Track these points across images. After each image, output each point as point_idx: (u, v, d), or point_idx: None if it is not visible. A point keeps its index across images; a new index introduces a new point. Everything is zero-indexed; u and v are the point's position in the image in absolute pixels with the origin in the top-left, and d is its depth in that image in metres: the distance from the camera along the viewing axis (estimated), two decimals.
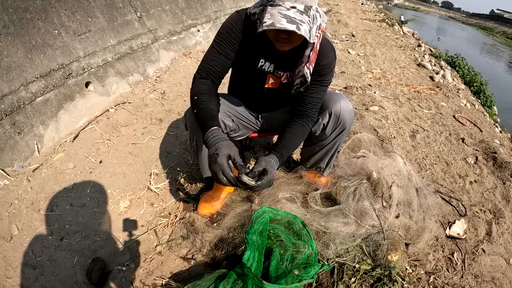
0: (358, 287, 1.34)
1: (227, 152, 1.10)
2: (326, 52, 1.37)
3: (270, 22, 1.07)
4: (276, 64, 1.43)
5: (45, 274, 1.40)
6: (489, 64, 15.14)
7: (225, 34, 1.36)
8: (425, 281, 1.51)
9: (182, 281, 1.35)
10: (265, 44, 1.34)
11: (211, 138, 1.16)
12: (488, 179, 2.44)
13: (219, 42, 1.37)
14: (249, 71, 1.47)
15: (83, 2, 2.48)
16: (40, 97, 2.03)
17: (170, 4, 3.69)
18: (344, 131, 1.60)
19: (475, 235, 1.86)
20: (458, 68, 6.58)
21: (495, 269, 1.70)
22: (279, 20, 1.06)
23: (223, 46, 1.37)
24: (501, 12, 65.69)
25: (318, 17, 1.21)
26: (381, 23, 9.99)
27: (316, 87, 1.42)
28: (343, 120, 1.54)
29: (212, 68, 1.37)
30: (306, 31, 1.09)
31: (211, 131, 1.18)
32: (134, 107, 2.56)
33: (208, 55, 1.39)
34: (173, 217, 1.67)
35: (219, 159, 1.08)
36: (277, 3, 1.10)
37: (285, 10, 1.09)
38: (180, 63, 3.53)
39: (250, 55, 1.42)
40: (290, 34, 1.16)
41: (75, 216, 1.65)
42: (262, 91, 1.53)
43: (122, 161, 2.02)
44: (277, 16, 1.07)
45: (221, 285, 0.97)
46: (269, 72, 1.46)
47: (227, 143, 1.14)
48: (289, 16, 1.08)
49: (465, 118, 3.57)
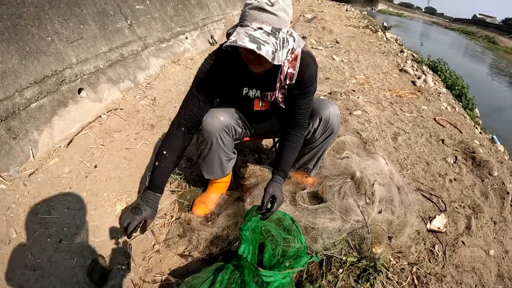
0: (345, 277, 1.44)
1: (147, 218, 1.27)
2: (307, 64, 1.40)
3: (233, 39, 1.10)
4: (261, 88, 1.50)
5: (45, 275, 1.43)
6: (471, 68, 15.63)
7: (200, 78, 1.42)
8: (408, 272, 1.62)
9: (180, 276, 1.42)
10: (246, 74, 1.40)
11: (148, 198, 1.30)
12: (467, 177, 2.59)
13: (196, 86, 1.43)
14: (236, 100, 1.56)
15: (75, 10, 2.54)
16: (35, 103, 2.07)
17: (159, 12, 3.77)
18: (332, 134, 1.71)
19: (455, 229, 1.99)
20: (440, 73, 6.80)
21: (475, 259, 1.83)
22: (242, 38, 1.09)
23: (200, 91, 1.43)
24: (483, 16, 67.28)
25: (290, 41, 1.22)
26: (365, 29, 10.26)
27: (304, 99, 1.47)
28: (332, 124, 1.65)
29: (191, 114, 1.44)
30: (267, 52, 1.10)
31: (150, 193, 1.32)
32: (126, 113, 2.62)
33: (186, 101, 1.46)
34: (169, 218, 1.74)
35: (137, 217, 1.23)
36: (246, 24, 1.14)
37: (251, 30, 1.11)
38: (169, 70, 3.61)
39: (233, 86, 1.50)
40: (257, 56, 1.15)
41: (73, 219, 1.69)
42: (251, 114, 1.62)
43: (116, 166, 2.08)
44: (241, 35, 1.10)
45: (220, 275, 1.05)
46: (256, 97, 1.54)
47: (154, 212, 1.30)
48: (253, 36, 1.10)
49: (445, 121, 3.74)
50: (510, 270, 1.87)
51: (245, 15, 1.14)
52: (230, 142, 1.59)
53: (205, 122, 1.48)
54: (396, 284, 1.53)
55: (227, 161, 1.66)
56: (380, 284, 1.48)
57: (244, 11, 1.16)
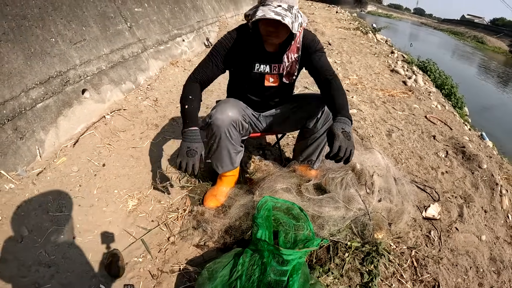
0: (351, 260, 1.55)
1: (201, 151, 1.49)
2: (308, 33, 1.67)
3: (261, 14, 1.36)
4: (269, 63, 1.69)
5: (60, 271, 1.45)
6: (460, 68, 15.99)
7: (217, 48, 1.66)
8: (408, 255, 1.74)
9: (198, 265, 1.48)
10: (257, 51, 1.64)
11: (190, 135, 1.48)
12: (458, 170, 2.71)
13: (212, 54, 1.67)
14: (248, 76, 1.71)
15: (77, 12, 2.58)
16: (40, 103, 2.10)
17: (157, 15, 3.81)
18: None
19: (449, 216, 2.11)
20: (430, 73, 6.99)
21: (468, 244, 1.95)
22: (268, 13, 1.36)
23: (215, 58, 1.66)
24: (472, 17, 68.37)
25: (299, 16, 1.50)
26: (355, 31, 10.45)
27: (320, 57, 1.66)
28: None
29: (204, 73, 1.67)
30: (289, 22, 1.37)
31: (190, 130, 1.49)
32: (130, 113, 2.66)
33: (202, 63, 1.69)
34: (182, 211, 1.79)
35: (196, 156, 1.46)
36: (267, 3, 1.41)
37: (273, 7, 1.39)
38: (168, 72, 3.65)
39: (246, 63, 1.68)
40: (277, 28, 1.44)
41: (85, 216, 1.72)
42: (262, 90, 1.77)
43: (124, 164, 2.12)
44: (267, 11, 1.37)
45: (241, 258, 1.12)
46: (266, 73, 1.71)
47: (201, 144, 1.50)
48: (275, 11, 1.37)
49: (436, 118, 3.88)
50: (501, 254, 1.98)
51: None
52: (237, 136, 1.68)
53: (214, 117, 1.58)
54: (398, 266, 1.64)
55: (235, 153, 1.75)
56: (383, 266, 1.59)
57: None
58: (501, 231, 2.21)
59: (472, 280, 1.76)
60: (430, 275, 1.67)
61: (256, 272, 1.09)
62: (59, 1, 2.44)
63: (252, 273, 1.09)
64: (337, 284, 1.49)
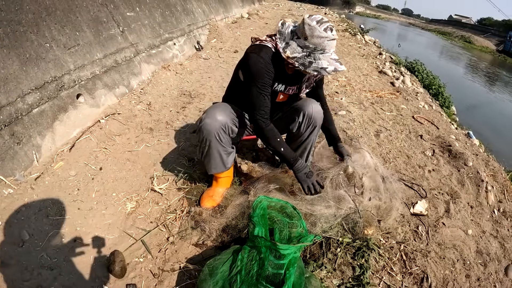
0: (343, 255, 1.64)
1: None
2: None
3: (332, 68, 1.53)
4: (286, 83, 1.79)
5: (63, 274, 1.48)
6: (448, 68, 16.27)
7: (265, 79, 1.63)
8: (397, 249, 1.83)
9: (197, 263, 1.55)
10: (280, 72, 1.71)
11: (301, 166, 1.72)
12: (445, 168, 2.83)
13: (264, 86, 1.65)
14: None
15: (70, 17, 2.61)
16: (36, 108, 2.13)
17: (148, 19, 3.85)
18: (315, 128, 1.94)
19: (436, 212, 2.22)
20: (417, 73, 7.14)
21: (455, 238, 2.06)
22: (336, 65, 1.54)
23: (267, 89, 1.66)
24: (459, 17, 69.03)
25: None
26: (344, 32, 10.61)
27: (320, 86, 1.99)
28: (314, 119, 1.88)
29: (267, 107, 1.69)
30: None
31: (300, 163, 1.73)
32: (124, 117, 2.71)
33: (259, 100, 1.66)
34: (180, 212, 1.85)
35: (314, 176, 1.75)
36: (326, 52, 1.53)
37: (331, 55, 1.55)
38: (160, 76, 3.70)
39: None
40: None
41: (85, 219, 1.76)
42: (272, 105, 1.81)
43: (121, 167, 2.17)
44: (333, 62, 1.54)
45: (240, 254, 1.18)
46: (280, 91, 1.81)
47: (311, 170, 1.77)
48: (336, 59, 1.56)
49: (423, 118, 4.01)
50: (488, 247, 2.09)
51: (325, 44, 1.52)
52: (227, 139, 1.76)
53: (204, 121, 1.66)
54: (388, 260, 1.73)
55: (226, 155, 1.82)
56: (374, 260, 1.69)
57: (322, 41, 1.51)
58: (487, 226, 2.31)
59: (460, 272, 1.86)
60: (418, 268, 1.77)
61: (254, 267, 1.16)
62: (53, 6, 2.47)
63: (251, 268, 1.16)
64: (331, 277, 1.57)
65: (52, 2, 2.48)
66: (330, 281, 1.56)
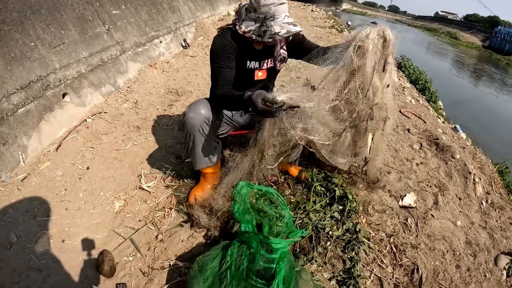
0: (333, 248, 1.66)
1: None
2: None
3: (285, 31, 1.55)
4: (258, 59, 1.81)
5: (52, 275, 1.47)
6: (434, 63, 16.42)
7: (224, 54, 1.67)
8: (387, 241, 1.86)
9: (187, 260, 1.55)
10: (247, 49, 1.74)
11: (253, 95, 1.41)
12: (432, 161, 2.87)
13: (222, 60, 1.67)
14: (241, 73, 1.80)
15: (55, 15, 2.57)
16: (22, 108, 2.09)
17: (134, 17, 3.81)
18: None
19: (424, 204, 2.25)
20: (404, 69, 7.22)
21: (444, 229, 2.09)
22: (289, 27, 1.56)
23: (226, 62, 1.67)
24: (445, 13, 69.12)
25: None
26: (331, 29, 10.61)
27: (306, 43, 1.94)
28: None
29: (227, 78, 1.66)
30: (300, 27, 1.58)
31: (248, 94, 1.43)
32: (111, 116, 2.68)
33: (219, 72, 1.67)
34: (168, 210, 1.84)
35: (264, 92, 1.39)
36: (276, 17, 1.55)
37: (283, 19, 1.57)
38: (147, 74, 3.66)
39: (240, 61, 1.76)
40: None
41: (73, 219, 1.75)
42: (252, 84, 1.88)
43: (109, 166, 2.14)
44: (285, 25, 1.56)
45: (229, 250, 1.19)
46: (256, 68, 1.84)
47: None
48: (290, 22, 1.58)
49: (410, 112, 4.06)
50: (477, 238, 2.14)
51: (273, 10, 1.54)
52: (211, 132, 1.76)
53: (187, 116, 1.67)
54: (378, 252, 1.75)
55: (211, 149, 1.82)
56: (364, 252, 1.70)
57: (269, 8, 1.53)
58: (476, 217, 2.36)
59: (450, 263, 1.89)
60: (409, 259, 1.80)
61: (244, 261, 1.16)
62: (37, 4, 2.42)
63: (240, 263, 1.16)
64: (321, 271, 1.59)
65: (37, 1, 2.43)
66: (321, 275, 1.58)
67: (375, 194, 2.19)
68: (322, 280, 1.56)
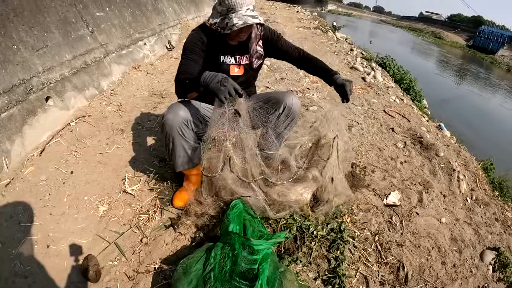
0: (318, 248, 1.69)
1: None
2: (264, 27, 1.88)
3: (241, 22, 1.58)
4: (234, 55, 1.84)
5: (37, 281, 1.46)
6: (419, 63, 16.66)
7: (190, 46, 1.74)
8: (372, 240, 1.90)
9: (172, 263, 1.56)
10: (220, 44, 1.78)
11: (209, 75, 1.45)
12: (416, 159, 2.94)
13: (188, 53, 1.73)
14: (215, 67, 1.81)
15: (39, 18, 2.53)
16: (5, 112, 2.06)
17: (119, 19, 3.78)
18: (293, 120, 1.97)
19: (409, 202, 2.30)
20: (389, 68, 7.30)
21: (429, 227, 2.14)
22: (247, 18, 1.58)
23: (191, 55, 1.73)
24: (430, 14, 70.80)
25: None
26: (316, 30, 10.70)
27: (283, 43, 1.95)
28: (293, 111, 1.92)
29: (187, 70, 1.69)
30: (262, 20, 1.62)
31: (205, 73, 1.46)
32: (95, 119, 2.66)
33: (182, 64, 1.72)
34: (152, 213, 1.84)
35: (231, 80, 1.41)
36: (237, 10, 1.60)
37: (244, 12, 1.60)
38: (131, 76, 3.64)
39: (212, 56, 1.80)
40: (249, 28, 1.70)
41: (57, 224, 1.73)
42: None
43: (92, 170, 2.13)
44: (244, 18, 1.58)
45: (213, 252, 1.21)
46: (231, 63, 1.86)
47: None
48: (252, 15, 1.60)
49: (394, 111, 4.14)
50: (462, 234, 2.19)
51: (234, 3, 1.59)
52: (190, 134, 1.75)
53: (166, 117, 1.67)
54: (363, 251, 1.79)
55: (192, 150, 1.80)
56: (349, 251, 1.74)
57: (230, 1, 1.60)
58: (461, 213, 2.42)
59: (435, 260, 1.94)
60: (394, 257, 1.84)
61: (227, 263, 1.18)
62: (20, 7, 2.39)
63: (224, 265, 1.19)
64: (306, 271, 1.61)
65: (20, 3, 2.40)
66: (306, 275, 1.61)
67: (360, 193, 2.23)
68: (307, 280, 1.58)
